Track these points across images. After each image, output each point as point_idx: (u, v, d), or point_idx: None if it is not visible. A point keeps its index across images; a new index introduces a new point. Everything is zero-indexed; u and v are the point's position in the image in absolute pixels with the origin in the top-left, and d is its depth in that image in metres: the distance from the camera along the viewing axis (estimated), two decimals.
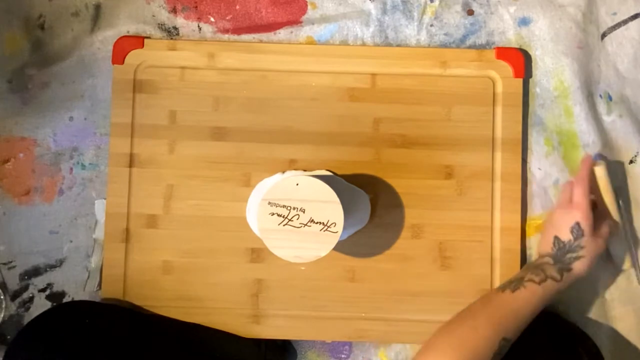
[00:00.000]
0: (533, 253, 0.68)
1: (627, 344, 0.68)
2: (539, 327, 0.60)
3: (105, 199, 0.67)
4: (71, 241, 0.68)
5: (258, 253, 0.66)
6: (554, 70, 0.69)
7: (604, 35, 0.70)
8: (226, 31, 0.70)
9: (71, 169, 0.69)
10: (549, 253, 0.60)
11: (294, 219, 0.55)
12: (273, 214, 0.55)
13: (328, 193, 0.54)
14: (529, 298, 0.55)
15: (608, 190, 0.64)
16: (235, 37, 0.70)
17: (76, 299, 0.68)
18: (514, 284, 0.56)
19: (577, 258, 0.59)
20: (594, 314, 0.67)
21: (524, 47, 0.70)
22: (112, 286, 0.65)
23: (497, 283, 0.66)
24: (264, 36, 0.70)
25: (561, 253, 0.59)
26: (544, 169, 0.69)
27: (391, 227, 0.66)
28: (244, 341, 0.65)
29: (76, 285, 0.68)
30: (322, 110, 0.67)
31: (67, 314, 0.58)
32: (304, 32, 0.70)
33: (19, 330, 0.57)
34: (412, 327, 0.65)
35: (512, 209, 0.66)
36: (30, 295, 0.68)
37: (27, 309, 0.68)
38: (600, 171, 0.64)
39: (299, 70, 0.68)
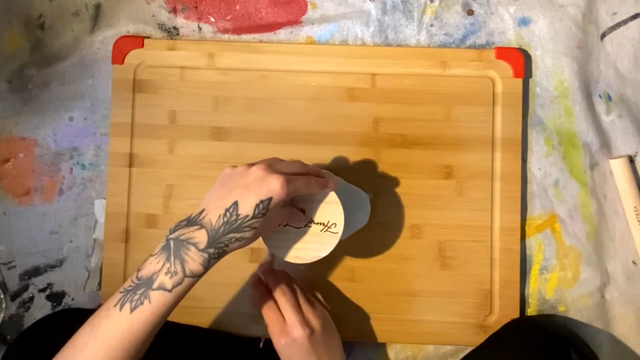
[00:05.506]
0: (533, 253, 0.68)
1: (627, 345, 0.68)
2: (533, 332, 0.60)
3: (105, 198, 0.67)
4: (71, 241, 0.68)
5: (257, 253, 0.66)
6: (554, 70, 0.70)
7: (603, 35, 0.70)
8: (226, 31, 0.70)
9: (71, 169, 0.69)
10: (210, 223, 0.45)
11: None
12: None
13: (328, 194, 0.54)
14: (151, 319, 0.43)
15: (626, 188, 0.65)
16: (235, 37, 0.70)
17: (76, 299, 0.68)
18: (137, 297, 0.43)
19: (239, 240, 0.45)
20: (594, 314, 0.67)
21: (524, 47, 0.70)
22: (112, 286, 0.65)
23: (496, 283, 0.65)
24: (264, 36, 0.70)
25: (226, 229, 0.44)
26: (544, 169, 0.69)
27: (391, 227, 0.66)
28: (243, 341, 0.65)
29: (76, 285, 0.68)
30: (322, 110, 0.67)
31: (63, 322, 0.58)
32: (304, 32, 0.70)
33: (15, 338, 0.57)
34: (412, 327, 0.65)
35: (512, 209, 0.66)
36: (30, 295, 0.68)
37: (27, 309, 0.68)
38: (618, 165, 0.64)
39: (298, 70, 0.68)
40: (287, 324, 0.55)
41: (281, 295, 0.56)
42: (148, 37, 0.69)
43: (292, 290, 0.58)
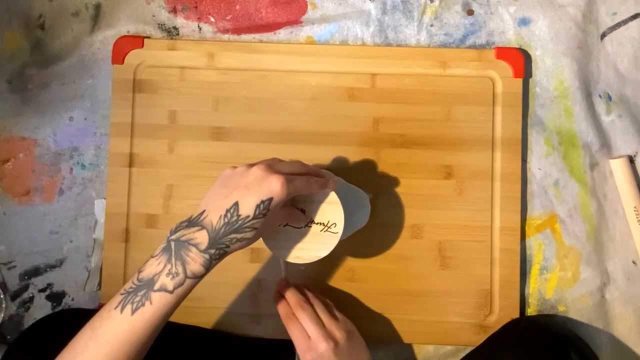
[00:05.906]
0: (533, 253, 0.68)
1: (627, 344, 0.68)
2: (533, 332, 0.60)
3: (105, 198, 0.67)
4: (71, 241, 0.68)
5: (257, 253, 0.66)
6: (554, 70, 0.70)
7: (603, 35, 0.70)
8: (226, 31, 0.70)
9: (71, 169, 0.69)
10: (210, 224, 0.45)
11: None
12: None
13: (328, 194, 0.54)
14: (152, 321, 0.43)
15: (626, 188, 0.65)
16: (235, 37, 0.70)
17: (76, 299, 0.68)
18: (138, 299, 0.43)
19: (240, 240, 0.45)
20: (594, 314, 0.67)
21: (524, 47, 0.70)
22: (112, 286, 0.65)
23: (496, 283, 0.65)
24: (264, 36, 0.70)
25: (227, 230, 0.44)
26: (544, 169, 0.69)
27: (391, 227, 0.66)
28: (243, 341, 0.65)
29: (76, 285, 0.68)
30: (322, 110, 0.67)
31: (63, 322, 0.57)
32: (304, 32, 0.70)
33: (15, 338, 0.57)
34: (412, 327, 0.65)
35: (511, 209, 0.66)
36: (30, 295, 0.68)
37: (27, 309, 0.68)
38: (618, 165, 0.64)
39: (298, 70, 0.68)
40: (311, 339, 0.55)
41: (300, 311, 0.56)
42: (148, 37, 0.69)
43: (312, 304, 0.58)
